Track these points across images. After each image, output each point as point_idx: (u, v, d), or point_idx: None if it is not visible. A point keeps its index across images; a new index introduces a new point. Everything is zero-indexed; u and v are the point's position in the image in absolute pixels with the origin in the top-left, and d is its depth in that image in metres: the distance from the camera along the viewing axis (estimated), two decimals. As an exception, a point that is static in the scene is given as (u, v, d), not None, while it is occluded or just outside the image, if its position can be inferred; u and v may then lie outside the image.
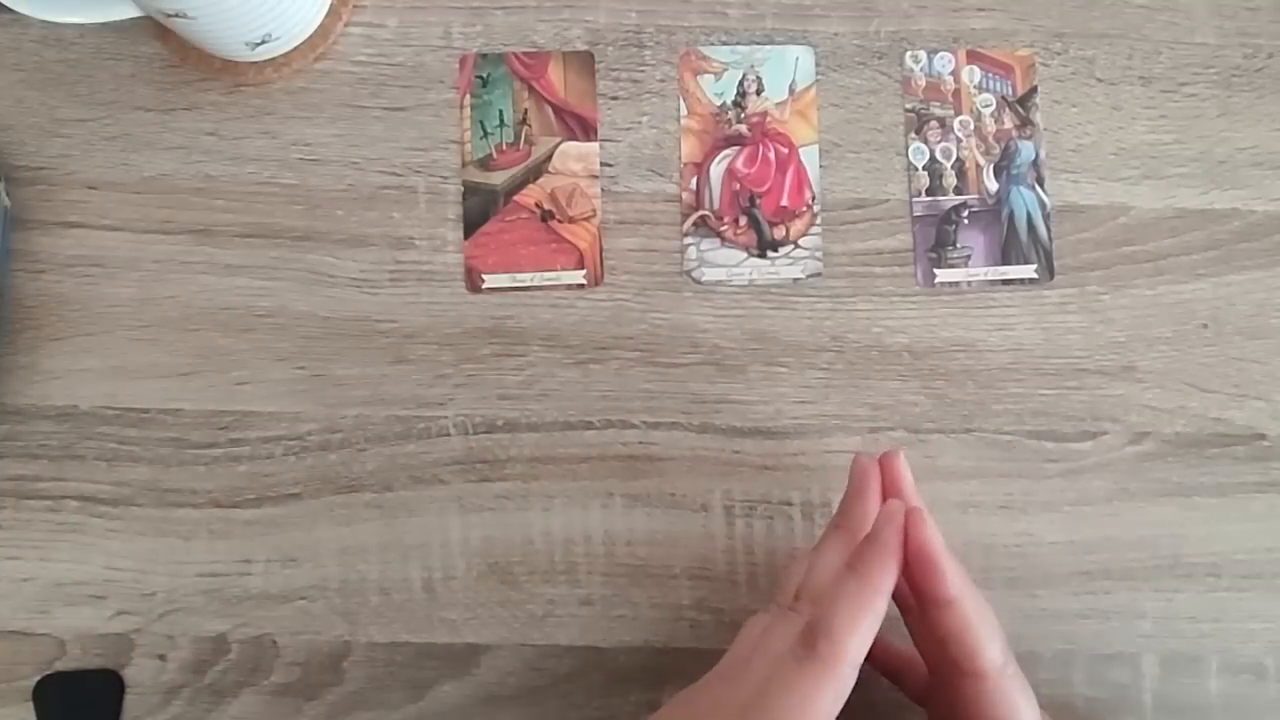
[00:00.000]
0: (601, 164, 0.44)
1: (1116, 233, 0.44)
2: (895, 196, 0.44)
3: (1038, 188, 0.45)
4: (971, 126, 0.45)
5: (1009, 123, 0.45)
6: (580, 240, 0.44)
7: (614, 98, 0.45)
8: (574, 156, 0.44)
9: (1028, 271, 0.44)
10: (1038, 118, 0.45)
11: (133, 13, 0.41)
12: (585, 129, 0.45)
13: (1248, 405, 0.43)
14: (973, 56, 0.45)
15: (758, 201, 0.44)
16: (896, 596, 0.34)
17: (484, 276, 0.43)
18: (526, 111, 0.45)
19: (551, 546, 0.42)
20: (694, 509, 0.42)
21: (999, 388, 0.43)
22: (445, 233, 0.44)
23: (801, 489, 0.43)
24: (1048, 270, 0.44)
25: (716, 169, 0.44)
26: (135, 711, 0.41)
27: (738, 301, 0.44)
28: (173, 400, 0.42)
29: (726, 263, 0.44)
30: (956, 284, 0.44)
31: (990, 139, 0.45)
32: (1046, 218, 0.44)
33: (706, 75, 0.45)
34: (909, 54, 0.45)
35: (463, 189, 0.44)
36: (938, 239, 0.44)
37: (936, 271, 0.44)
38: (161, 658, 0.41)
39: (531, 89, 0.45)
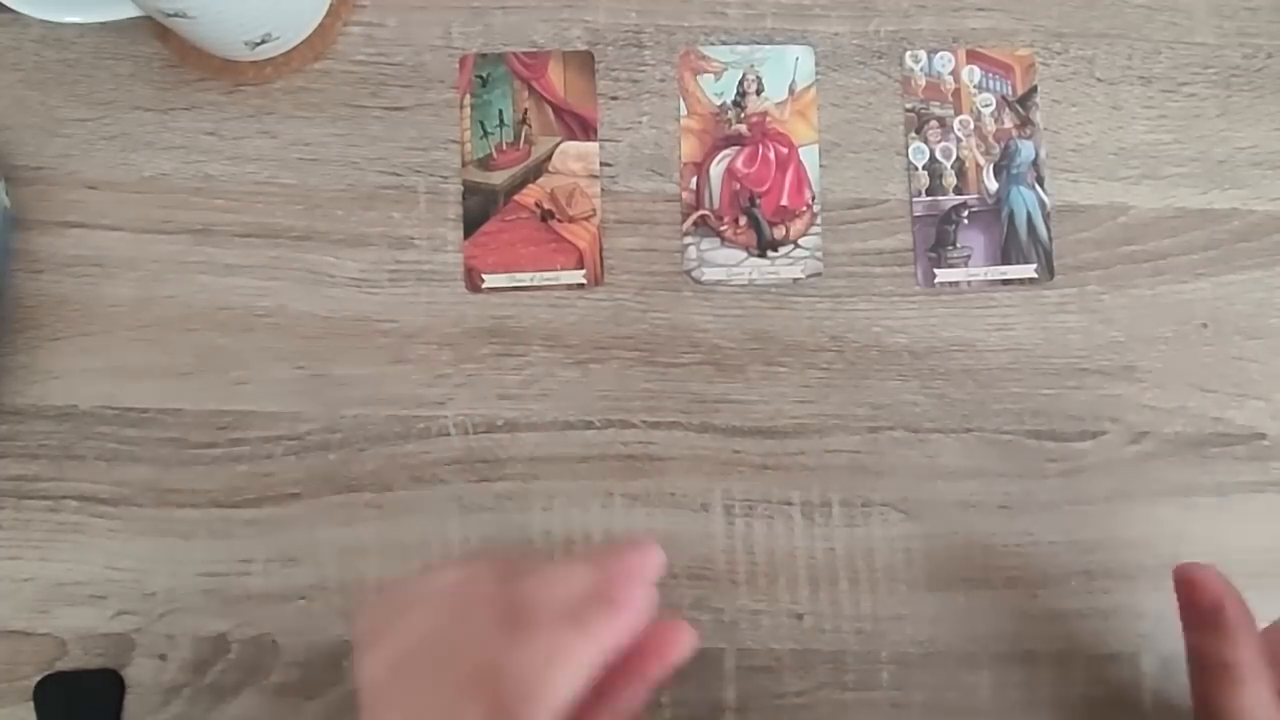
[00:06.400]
0: (601, 164, 0.44)
1: (1116, 232, 0.44)
2: (895, 196, 0.44)
3: (1038, 187, 0.45)
4: (971, 126, 0.45)
5: (1009, 122, 0.45)
6: (580, 240, 0.44)
7: (614, 98, 0.45)
8: (574, 156, 0.44)
9: (1028, 271, 0.44)
10: (1037, 117, 0.45)
11: (133, 13, 0.41)
12: (585, 129, 0.45)
13: (1248, 405, 0.43)
14: (972, 56, 0.45)
15: (758, 201, 0.44)
16: None
17: (484, 276, 0.43)
18: (526, 111, 0.45)
19: (551, 546, 0.42)
20: (694, 509, 0.42)
21: (999, 387, 0.43)
22: (445, 232, 0.44)
23: (801, 489, 0.43)
24: (1047, 270, 0.44)
25: (716, 169, 0.44)
26: (135, 711, 0.41)
27: (738, 301, 0.44)
28: (172, 400, 0.42)
29: (726, 262, 0.44)
30: (956, 284, 0.44)
31: (990, 139, 0.45)
32: (1046, 217, 0.44)
33: (706, 75, 0.45)
34: (909, 54, 0.45)
35: (463, 189, 0.44)
36: (938, 239, 0.44)
37: (936, 271, 0.44)
38: (162, 657, 0.41)
39: (531, 89, 0.45)
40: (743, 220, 0.44)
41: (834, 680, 0.41)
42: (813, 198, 0.44)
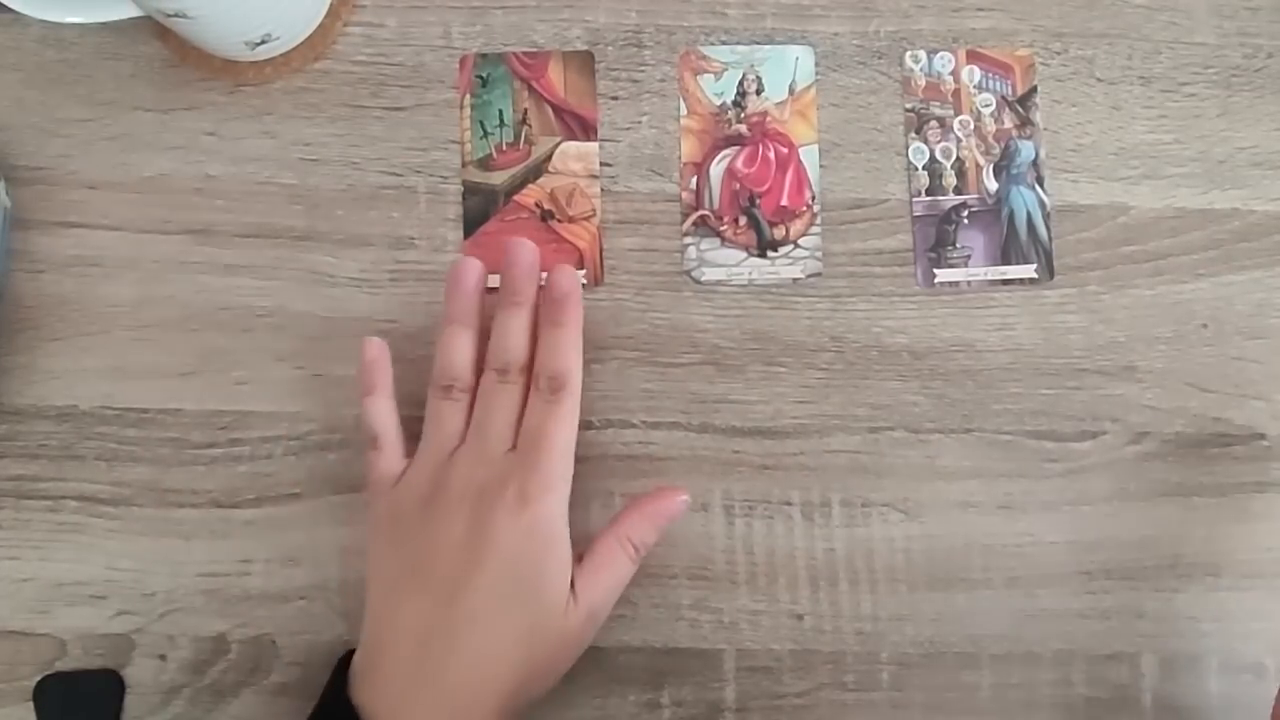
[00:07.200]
0: (601, 164, 0.44)
1: (1116, 232, 0.44)
2: (895, 196, 0.44)
3: (1037, 187, 0.45)
4: (971, 126, 0.45)
5: (1009, 123, 0.45)
6: (580, 240, 0.44)
7: (614, 98, 0.45)
8: (574, 156, 0.44)
9: (1028, 271, 0.44)
10: (1037, 118, 0.45)
11: (133, 13, 0.41)
12: (585, 129, 0.45)
13: (1248, 405, 0.43)
14: (972, 56, 0.45)
15: (758, 201, 0.44)
16: None
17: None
18: (526, 111, 0.45)
19: (551, 546, 0.42)
20: (693, 509, 0.42)
21: (999, 388, 0.43)
22: (445, 233, 0.44)
23: (801, 489, 0.43)
24: (1047, 270, 0.44)
25: (716, 169, 0.44)
26: (135, 711, 0.41)
27: (738, 301, 0.44)
28: (172, 400, 0.42)
29: (726, 262, 0.44)
30: (956, 284, 0.44)
31: (990, 139, 0.45)
32: (1046, 217, 0.44)
33: (706, 75, 0.45)
34: (909, 54, 0.45)
35: (463, 189, 0.44)
36: (938, 239, 0.44)
37: (936, 271, 0.44)
38: (162, 658, 0.41)
39: (531, 89, 0.45)
40: (743, 220, 0.44)
41: (834, 681, 0.41)
42: (813, 198, 0.44)
